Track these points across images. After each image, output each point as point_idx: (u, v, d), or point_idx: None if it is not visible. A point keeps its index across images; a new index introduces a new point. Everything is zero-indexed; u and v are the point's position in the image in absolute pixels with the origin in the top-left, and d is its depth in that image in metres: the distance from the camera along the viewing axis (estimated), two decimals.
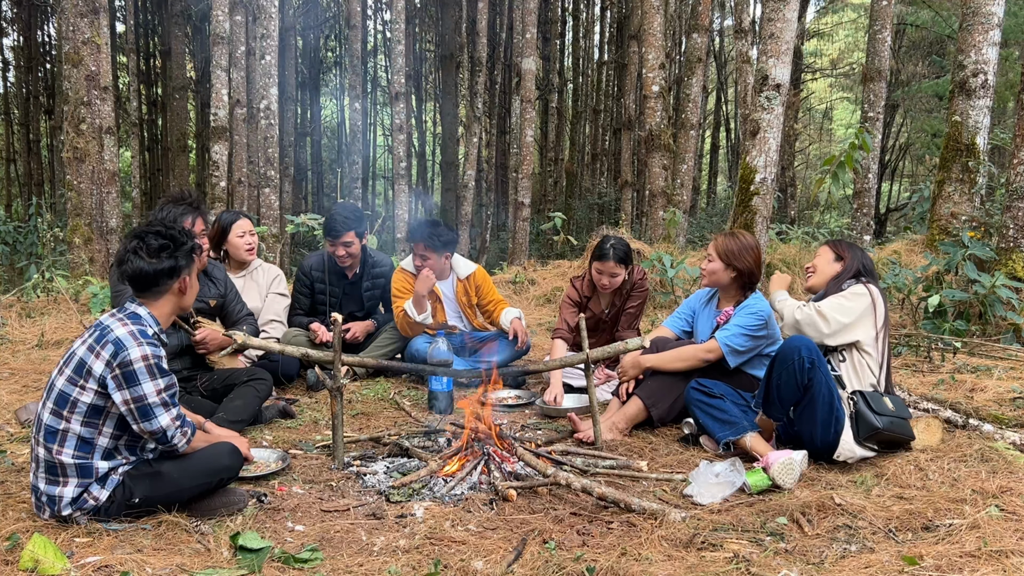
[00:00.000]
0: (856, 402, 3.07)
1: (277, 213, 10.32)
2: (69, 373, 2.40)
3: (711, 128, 23.31)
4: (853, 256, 3.36)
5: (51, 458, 2.39)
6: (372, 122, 24.78)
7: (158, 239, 2.50)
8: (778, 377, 3.03)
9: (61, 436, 2.39)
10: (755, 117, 6.30)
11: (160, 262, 2.48)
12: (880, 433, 3.02)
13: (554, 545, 2.35)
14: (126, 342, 2.37)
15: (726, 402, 3.30)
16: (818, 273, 3.42)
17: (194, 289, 2.62)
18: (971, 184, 7.61)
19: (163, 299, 2.54)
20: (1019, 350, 4.81)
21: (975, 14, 7.47)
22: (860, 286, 3.24)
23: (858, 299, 3.18)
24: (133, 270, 2.47)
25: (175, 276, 2.52)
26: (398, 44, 11.65)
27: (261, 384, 3.74)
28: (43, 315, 6.39)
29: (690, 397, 3.39)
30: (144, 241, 2.49)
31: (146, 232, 2.52)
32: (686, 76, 12.57)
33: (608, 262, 4.25)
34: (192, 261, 2.59)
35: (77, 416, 2.38)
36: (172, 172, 16.58)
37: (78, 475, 2.40)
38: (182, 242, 2.54)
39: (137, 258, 2.47)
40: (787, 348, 3.01)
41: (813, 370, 2.96)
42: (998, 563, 2.15)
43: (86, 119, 7.75)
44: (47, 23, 19.12)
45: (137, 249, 2.48)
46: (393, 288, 4.76)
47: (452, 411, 4.04)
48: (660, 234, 10.80)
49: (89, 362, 2.38)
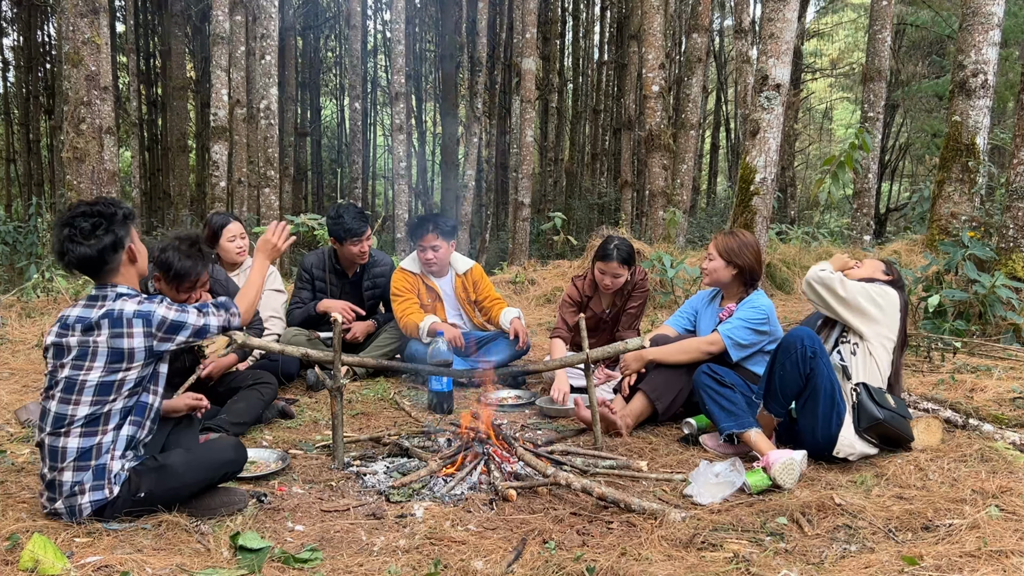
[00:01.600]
0: (859, 392, 3.07)
1: (277, 213, 10.33)
2: (104, 364, 2.40)
3: (711, 128, 23.31)
4: (899, 276, 3.43)
5: (89, 442, 2.40)
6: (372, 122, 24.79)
7: (88, 219, 2.43)
8: (781, 367, 3.03)
9: (105, 418, 2.43)
10: (755, 117, 6.30)
11: (100, 241, 2.43)
12: (881, 425, 3.01)
13: (554, 545, 2.35)
14: (147, 309, 2.45)
15: (736, 392, 3.25)
16: (864, 269, 3.43)
17: (143, 253, 2.58)
18: (971, 184, 7.61)
19: (120, 274, 2.51)
20: (1019, 350, 4.81)
21: (975, 14, 7.47)
22: (893, 291, 3.26)
23: (886, 297, 3.19)
24: (78, 257, 2.42)
25: (120, 248, 2.48)
26: (398, 44, 11.65)
27: (266, 388, 3.74)
28: (43, 315, 6.39)
29: (700, 381, 3.33)
30: (75, 227, 2.42)
31: (73, 216, 2.45)
32: (686, 76, 12.57)
33: (612, 263, 4.25)
34: (128, 228, 2.52)
35: (123, 394, 2.44)
36: (172, 172, 16.59)
37: (111, 449, 2.43)
38: (112, 213, 2.47)
39: (75, 245, 2.41)
40: (789, 338, 3.03)
41: (815, 359, 2.97)
42: (998, 563, 2.15)
43: (86, 119, 7.75)
44: (47, 23, 19.13)
45: (72, 236, 2.41)
46: (393, 287, 4.76)
47: (452, 411, 4.04)
48: (660, 234, 10.81)
49: (125, 346, 2.41)
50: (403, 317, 4.65)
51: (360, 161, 17.41)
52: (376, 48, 24.31)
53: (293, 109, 18.59)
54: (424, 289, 4.81)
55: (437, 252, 4.70)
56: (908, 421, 3.14)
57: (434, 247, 4.69)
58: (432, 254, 4.70)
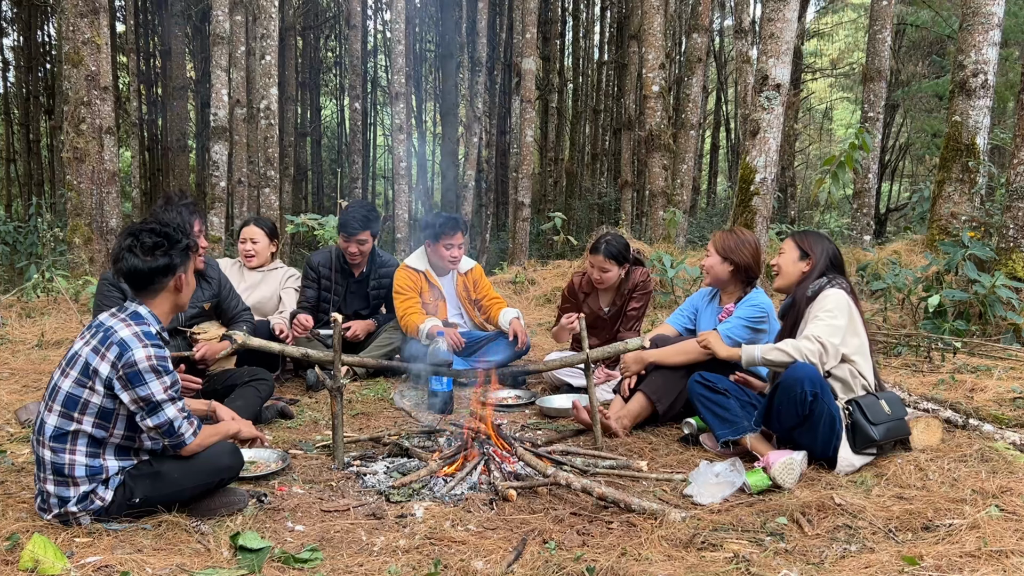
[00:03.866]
0: (852, 412, 3.01)
1: (277, 213, 10.33)
2: (76, 375, 2.40)
3: (711, 128, 23.30)
4: (820, 251, 3.18)
5: (59, 459, 2.38)
6: (372, 122, 24.78)
7: (152, 237, 2.48)
8: (779, 403, 2.99)
9: (72, 437, 2.39)
10: (755, 117, 6.30)
11: (155, 260, 2.47)
12: (877, 442, 3.00)
13: (554, 545, 2.35)
14: (130, 343, 2.37)
15: (729, 399, 3.26)
16: (783, 275, 3.28)
17: (190, 287, 2.62)
18: (971, 184, 7.61)
19: (160, 297, 2.53)
20: (1019, 350, 4.80)
21: (975, 14, 7.47)
22: (836, 293, 3.08)
23: (840, 312, 3.04)
24: (128, 268, 2.46)
25: (170, 274, 2.51)
26: (398, 44, 11.65)
27: (263, 384, 3.74)
28: (43, 315, 6.39)
29: (693, 391, 3.35)
30: (139, 239, 2.47)
31: (140, 230, 2.50)
32: (686, 76, 12.57)
33: (598, 256, 4.29)
34: (187, 259, 2.57)
35: (89, 417, 2.39)
36: (172, 172, 16.58)
37: (88, 475, 2.40)
38: (176, 239, 2.53)
39: (132, 256, 2.45)
40: (791, 379, 2.93)
41: (816, 402, 2.92)
42: (998, 563, 2.15)
43: (86, 119, 7.75)
44: (47, 23, 19.11)
45: (132, 247, 2.46)
46: (396, 284, 4.76)
47: (452, 411, 4.04)
48: (660, 234, 10.81)
49: (94, 364, 2.38)
50: (404, 316, 4.65)
51: (360, 161, 17.40)
52: (376, 48, 24.30)
53: (293, 109, 18.58)
54: (427, 287, 4.81)
55: (461, 250, 4.79)
56: (903, 420, 3.11)
57: (460, 245, 4.77)
58: (457, 252, 4.77)
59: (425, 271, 4.83)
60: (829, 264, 3.20)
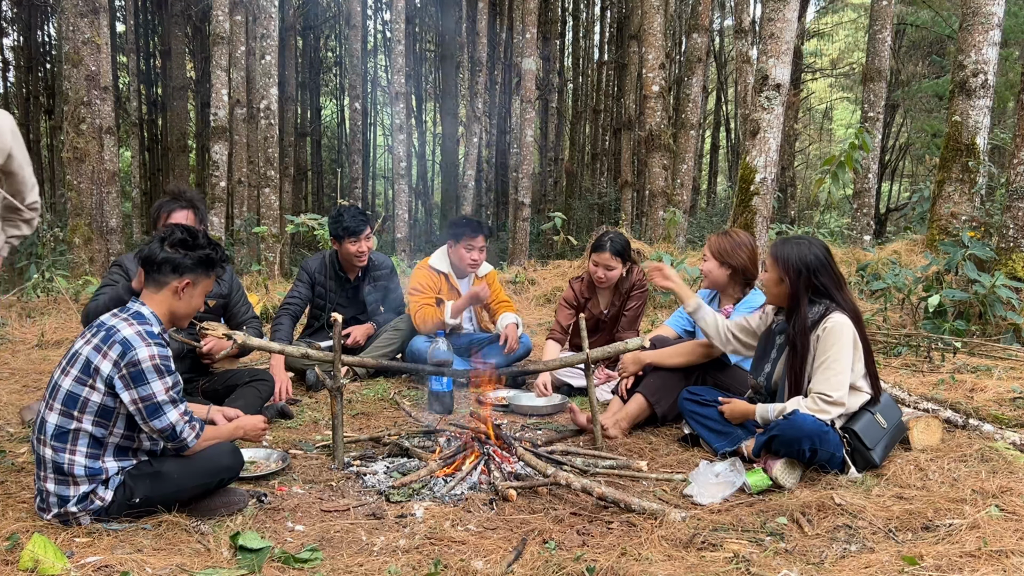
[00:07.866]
0: (850, 440, 2.95)
1: (277, 213, 10.33)
2: (76, 373, 2.40)
3: (711, 128, 23.31)
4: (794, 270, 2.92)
5: (59, 458, 2.39)
6: (372, 122, 24.77)
7: (182, 233, 2.58)
8: (778, 448, 2.89)
9: (72, 436, 2.39)
10: (755, 117, 6.30)
11: (168, 254, 2.53)
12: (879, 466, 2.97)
13: (554, 545, 2.35)
14: (134, 342, 2.38)
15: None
16: (769, 296, 3.11)
17: (191, 304, 2.60)
18: (971, 184, 7.61)
19: (160, 295, 2.54)
20: (1019, 350, 4.80)
21: (975, 14, 7.47)
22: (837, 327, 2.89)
23: (845, 350, 2.89)
24: (147, 252, 2.57)
25: (177, 272, 2.53)
26: (398, 44, 11.65)
27: (263, 385, 3.74)
28: (43, 315, 6.39)
29: (684, 408, 3.37)
30: (171, 232, 2.58)
31: (180, 227, 2.61)
32: (686, 76, 12.57)
33: (604, 253, 4.28)
34: (200, 270, 2.58)
35: (88, 415, 2.39)
36: (172, 172, 16.58)
37: (87, 474, 2.40)
38: (200, 245, 2.57)
39: (154, 243, 2.56)
40: (790, 435, 2.82)
41: (815, 456, 2.86)
42: (998, 563, 2.15)
43: (86, 119, 7.75)
44: (47, 23, 19.12)
45: (161, 236, 2.57)
46: (413, 283, 4.76)
47: (452, 411, 4.04)
48: (660, 234, 10.81)
49: (96, 362, 2.38)
50: (419, 311, 4.65)
51: (360, 161, 17.40)
52: (376, 48, 24.29)
53: (293, 109, 18.58)
54: (447, 288, 4.82)
55: (482, 254, 4.81)
56: (901, 423, 3.08)
57: (482, 248, 4.78)
58: (478, 255, 4.78)
59: (448, 273, 4.84)
60: (810, 278, 2.94)
